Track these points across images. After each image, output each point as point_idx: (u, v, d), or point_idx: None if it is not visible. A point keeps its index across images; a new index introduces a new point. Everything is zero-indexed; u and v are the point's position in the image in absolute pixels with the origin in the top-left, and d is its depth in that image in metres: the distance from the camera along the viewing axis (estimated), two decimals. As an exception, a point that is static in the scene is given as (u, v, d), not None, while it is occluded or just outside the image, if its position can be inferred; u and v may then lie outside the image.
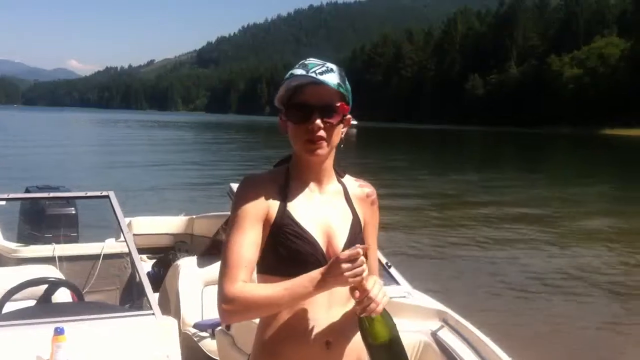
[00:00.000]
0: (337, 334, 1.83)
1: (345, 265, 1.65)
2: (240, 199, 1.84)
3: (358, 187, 1.99)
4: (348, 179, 1.99)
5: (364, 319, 1.72)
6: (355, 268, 1.65)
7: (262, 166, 26.21)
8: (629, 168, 35.93)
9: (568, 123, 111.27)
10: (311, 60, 1.83)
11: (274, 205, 1.84)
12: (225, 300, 1.74)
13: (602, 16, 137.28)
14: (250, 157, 36.24)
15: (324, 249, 1.83)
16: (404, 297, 3.95)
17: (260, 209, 1.83)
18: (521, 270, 10.43)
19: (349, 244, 1.83)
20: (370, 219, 1.98)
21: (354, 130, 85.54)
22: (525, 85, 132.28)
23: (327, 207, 1.89)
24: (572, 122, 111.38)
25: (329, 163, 1.91)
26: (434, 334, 3.42)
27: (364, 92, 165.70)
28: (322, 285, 1.69)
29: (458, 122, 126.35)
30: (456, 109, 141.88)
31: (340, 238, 1.85)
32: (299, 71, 1.80)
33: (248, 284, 1.76)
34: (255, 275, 1.87)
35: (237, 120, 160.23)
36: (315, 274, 1.71)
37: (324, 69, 1.80)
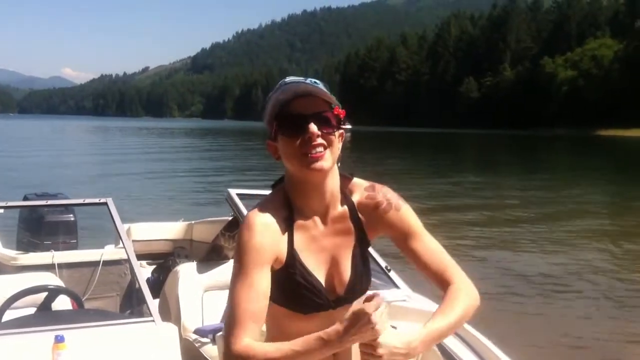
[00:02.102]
0: (341, 354, 1.77)
1: (374, 318, 1.57)
2: (245, 244, 1.71)
3: (365, 198, 1.84)
4: (358, 190, 1.85)
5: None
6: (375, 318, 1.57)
7: (260, 172, 26.24)
8: (625, 168, 36.01)
9: (563, 125, 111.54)
10: (292, 79, 1.76)
11: (282, 244, 1.75)
12: (231, 359, 1.67)
13: (595, 18, 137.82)
14: (247, 162, 36.24)
15: (324, 282, 1.78)
16: (404, 300, 3.94)
17: (268, 253, 1.71)
18: (521, 271, 10.43)
19: (354, 275, 1.80)
20: (399, 228, 1.84)
21: (348, 135, 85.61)
22: (519, 87, 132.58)
23: (330, 240, 1.80)
24: (567, 123, 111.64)
25: (332, 184, 1.77)
26: (436, 337, 3.41)
27: (358, 97, 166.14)
28: (342, 341, 1.61)
29: (453, 126, 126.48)
30: (451, 112, 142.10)
31: (346, 272, 1.80)
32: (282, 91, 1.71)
33: (255, 344, 1.65)
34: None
35: (233, 125, 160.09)
36: (332, 331, 1.62)
37: (308, 82, 1.73)
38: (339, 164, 1.79)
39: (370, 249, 4.26)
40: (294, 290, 1.75)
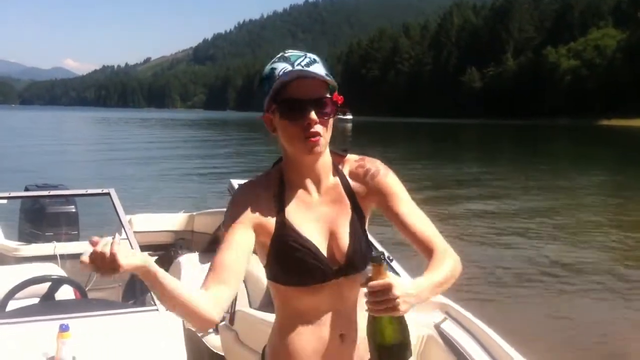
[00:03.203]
0: (351, 327, 1.84)
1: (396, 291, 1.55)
2: (231, 209, 1.80)
3: (356, 168, 1.89)
4: (349, 162, 1.90)
5: (372, 317, 1.63)
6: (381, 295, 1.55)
7: (262, 162, 26.23)
8: (629, 158, 35.91)
9: (566, 114, 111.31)
10: (292, 52, 1.77)
11: (270, 214, 1.80)
12: None
13: (598, 8, 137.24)
14: (250, 153, 36.19)
15: (325, 252, 1.80)
16: (407, 289, 3.95)
17: (252, 219, 1.77)
18: (524, 262, 10.43)
19: (353, 242, 1.81)
20: (386, 191, 1.87)
21: (349, 125, 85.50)
22: (522, 77, 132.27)
23: (326, 207, 1.84)
24: (569, 113, 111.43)
25: (325, 157, 1.83)
26: (437, 327, 3.42)
27: (360, 87, 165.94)
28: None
29: (455, 116, 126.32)
30: (453, 103, 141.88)
31: (344, 238, 1.82)
32: (282, 65, 1.73)
33: (198, 291, 1.67)
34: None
35: (236, 116, 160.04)
36: None
37: (308, 60, 1.74)
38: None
39: (371, 238, 4.28)
40: (291, 257, 1.77)
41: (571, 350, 6.54)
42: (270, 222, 1.79)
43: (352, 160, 1.91)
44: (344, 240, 1.81)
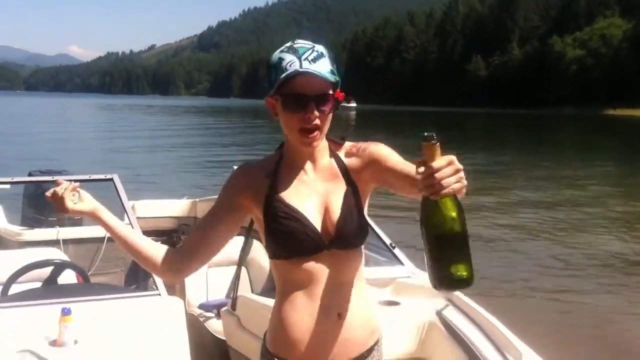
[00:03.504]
0: (347, 305, 1.88)
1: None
2: (224, 185, 1.95)
3: (350, 148, 1.94)
4: (345, 146, 1.96)
5: (427, 202, 1.50)
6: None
7: (266, 149, 26.22)
8: (636, 148, 35.80)
9: (571, 104, 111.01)
10: (300, 44, 1.82)
11: (261, 190, 1.88)
12: None
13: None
14: (253, 140, 36.17)
15: (319, 226, 1.85)
16: (409, 277, 3.95)
17: (240, 196, 1.90)
18: (527, 250, 10.43)
19: (343, 215, 1.85)
20: (378, 155, 1.87)
21: (353, 113, 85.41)
22: (527, 66, 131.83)
23: (321, 183, 1.90)
24: (575, 103, 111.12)
25: (322, 144, 1.90)
26: (439, 313, 3.42)
27: (365, 75, 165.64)
28: None
29: (461, 104, 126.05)
30: (459, 91, 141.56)
31: (337, 211, 1.86)
32: (289, 57, 1.79)
33: (162, 246, 1.94)
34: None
35: (240, 104, 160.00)
36: None
37: (315, 54, 1.79)
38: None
39: (376, 227, 4.30)
40: (282, 228, 1.83)
41: (573, 337, 6.55)
42: (262, 197, 1.88)
43: (347, 145, 1.97)
44: (336, 213, 1.86)
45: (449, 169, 1.47)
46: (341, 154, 1.95)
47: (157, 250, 1.91)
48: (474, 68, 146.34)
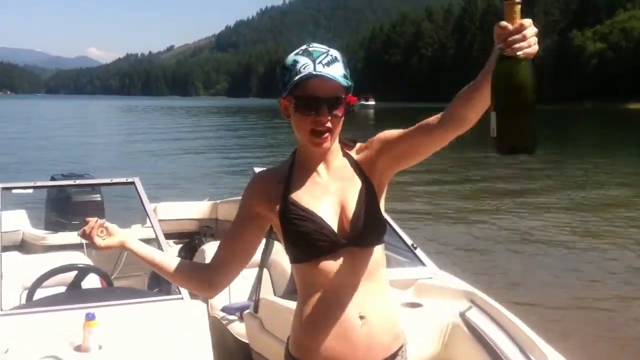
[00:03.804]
0: (369, 307, 1.87)
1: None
2: (245, 191, 1.99)
3: (360, 147, 1.98)
4: (356, 148, 1.98)
5: (505, 59, 1.54)
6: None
7: (286, 150, 26.24)
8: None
9: (592, 98, 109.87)
10: (315, 48, 1.85)
11: (276, 196, 1.90)
12: None
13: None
14: (273, 140, 36.23)
15: (335, 225, 1.86)
16: (431, 278, 3.94)
17: (256, 206, 1.94)
18: (550, 252, 10.30)
19: (358, 212, 1.85)
20: (387, 137, 1.90)
21: (372, 111, 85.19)
22: (548, 61, 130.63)
23: (335, 184, 1.90)
24: (595, 97, 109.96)
25: (334, 146, 1.92)
26: (462, 315, 3.40)
27: (383, 72, 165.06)
28: None
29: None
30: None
31: (352, 209, 1.87)
32: (304, 59, 1.82)
33: (194, 264, 2.14)
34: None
35: (259, 103, 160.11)
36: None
37: (329, 58, 1.82)
38: (356, 142, 1.99)
39: (397, 227, 4.28)
40: (298, 230, 1.85)
41: (600, 342, 6.45)
42: (277, 202, 1.90)
43: (358, 146, 1.99)
44: (352, 210, 1.87)
45: (532, 30, 1.53)
46: (353, 153, 1.97)
47: (190, 271, 2.01)
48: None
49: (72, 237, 5.77)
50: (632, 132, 45.11)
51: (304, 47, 1.88)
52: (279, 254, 4.66)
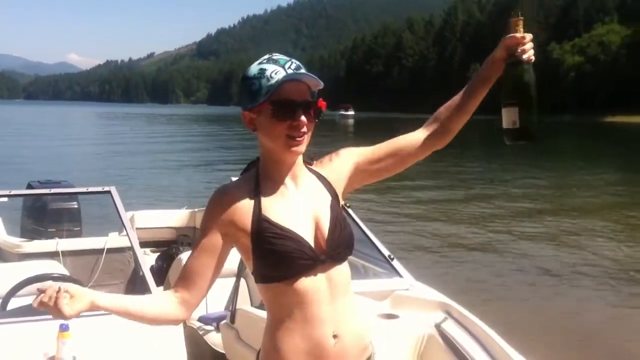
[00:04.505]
0: (343, 326, 1.84)
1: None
2: (205, 215, 1.87)
3: (321, 161, 1.99)
4: (317, 163, 1.99)
5: (517, 68, 1.95)
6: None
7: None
8: (635, 155, 35.77)
9: (570, 111, 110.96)
10: (279, 56, 1.84)
11: (246, 214, 1.82)
12: None
13: (602, 3, 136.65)
14: (252, 149, 36.13)
15: (312, 242, 1.82)
16: (407, 289, 3.95)
17: (224, 226, 1.82)
18: (526, 262, 10.41)
19: (333, 226, 1.84)
20: (353, 154, 1.98)
21: (351, 121, 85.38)
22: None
23: (306, 198, 1.87)
24: (574, 110, 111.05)
25: (300, 159, 1.90)
26: (437, 326, 3.42)
27: (364, 83, 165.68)
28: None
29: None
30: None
31: (326, 223, 1.85)
32: (272, 67, 1.80)
33: (161, 296, 1.90)
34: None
35: (239, 112, 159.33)
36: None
37: (295, 64, 1.81)
38: (313, 159, 1.98)
39: (374, 239, 4.29)
40: (274, 248, 1.77)
41: (572, 350, 6.52)
42: (248, 220, 1.82)
43: (318, 161, 2.00)
44: (326, 225, 1.85)
45: (529, 44, 1.93)
46: (317, 168, 1.96)
47: (159, 307, 1.85)
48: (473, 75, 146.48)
49: (48, 244, 5.73)
50: (610, 144, 45.62)
51: (266, 56, 1.86)
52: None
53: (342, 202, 1.96)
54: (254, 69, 1.84)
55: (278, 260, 1.78)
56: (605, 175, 24.24)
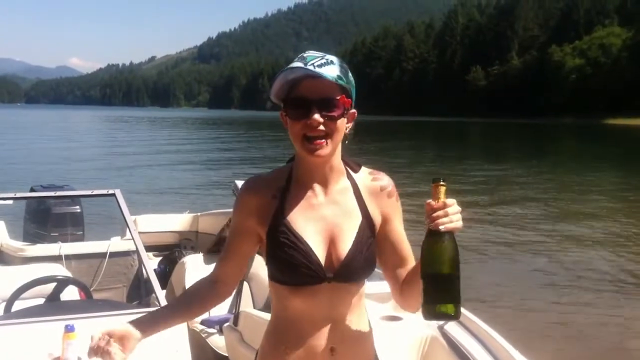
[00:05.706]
0: (341, 339, 1.79)
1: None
2: (236, 202, 1.86)
3: (371, 180, 1.86)
4: (362, 173, 1.87)
5: (430, 240, 1.65)
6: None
7: (268, 163, 26.22)
8: (635, 157, 35.77)
9: (571, 113, 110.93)
10: (310, 53, 1.73)
11: (269, 209, 1.78)
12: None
13: (603, 6, 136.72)
14: (255, 153, 36.17)
15: (323, 257, 1.75)
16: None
17: (248, 220, 1.81)
18: (527, 264, 10.41)
19: (354, 248, 1.75)
20: (393, 213, 1.87)
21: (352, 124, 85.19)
22: (527, 76, 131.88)
23: (332, 209, 1.79)
24: (574, 112, 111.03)
25: (336, 161, 1.79)
26: (440, 328, 3.43)
27: (365, 86, 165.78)
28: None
29: (460, 114, 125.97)
30: (458, 101, 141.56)
31: (346, 242, 1.76)
32: (296, 64, 1.68)
33: (197, 285, 1.94)
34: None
35: (240, 115, 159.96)
36: None
37: (323, 61, 1.69)
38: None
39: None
40: (282, 253, 1.74)
41: (574, 352, 6.53)
42: (268, 219, 1.78)
43: (366, 172, 1.89)
44: (345, 244, 1.76)
45: (455, 207, 1.63)
46: (358, 178, 1.85)
47: (199, 299, 1.90)
48: (474, 78, 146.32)
49: (51, 248, 5.75)
50: (611, 147, 45.60)
51: (300, 54, 1.75)
52: (259, 267, 4.66)
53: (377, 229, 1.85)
54: (285, 70, 1.73)
55: (284, 267, 1.75)
56: (605, 179, 24.22)
